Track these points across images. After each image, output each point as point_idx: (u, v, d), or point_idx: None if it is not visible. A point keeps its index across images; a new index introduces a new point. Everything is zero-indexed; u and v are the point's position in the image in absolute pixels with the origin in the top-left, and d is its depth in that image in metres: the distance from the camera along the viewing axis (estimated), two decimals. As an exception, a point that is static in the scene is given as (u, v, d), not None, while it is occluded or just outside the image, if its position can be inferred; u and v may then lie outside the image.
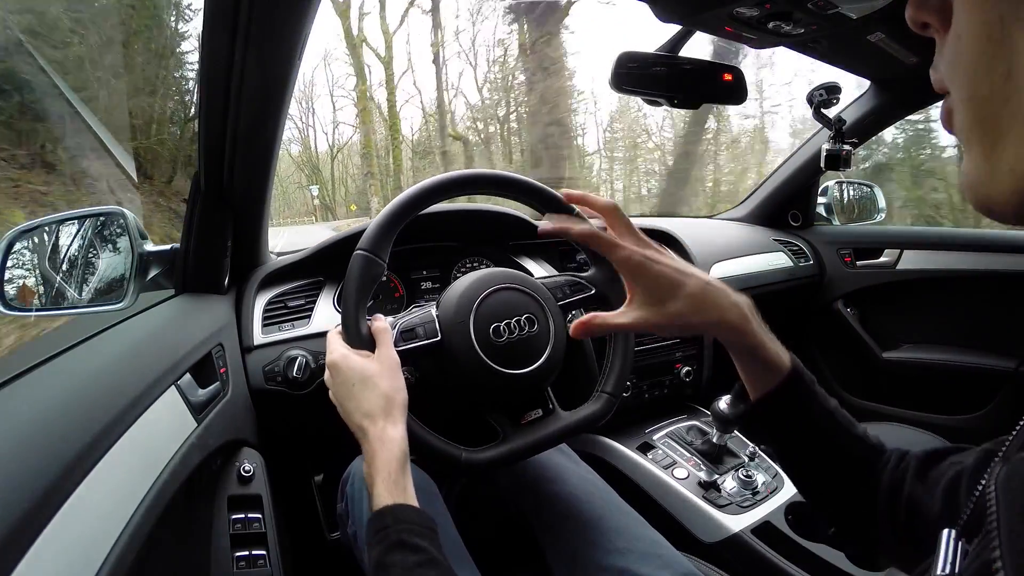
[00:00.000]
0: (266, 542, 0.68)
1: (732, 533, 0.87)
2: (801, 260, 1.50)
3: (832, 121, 1.17)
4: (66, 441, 0.40)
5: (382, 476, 0.49)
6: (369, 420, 0.51)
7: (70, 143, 4.61)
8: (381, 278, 0.59)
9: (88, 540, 0.39)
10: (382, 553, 0.45)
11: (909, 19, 0.28)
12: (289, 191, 23.53)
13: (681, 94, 0.80)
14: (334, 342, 0.57)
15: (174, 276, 0.81)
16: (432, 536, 0.47)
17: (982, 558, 0.25)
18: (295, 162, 22.71)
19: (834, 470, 0.49)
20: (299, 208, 23.84)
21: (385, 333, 0.56)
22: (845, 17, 0.69)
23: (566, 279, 0.71)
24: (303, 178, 23.41)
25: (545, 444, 0.64)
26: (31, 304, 0.71)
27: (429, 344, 0.61)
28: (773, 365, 0.49)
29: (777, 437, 0.52)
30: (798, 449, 0.51)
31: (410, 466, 0.52)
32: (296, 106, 21.05)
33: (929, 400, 1.36)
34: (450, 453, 0.58)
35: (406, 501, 0.48)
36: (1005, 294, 1.29)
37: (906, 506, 0.44)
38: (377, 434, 0.50)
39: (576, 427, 0.66)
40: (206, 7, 0.56)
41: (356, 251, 0.58)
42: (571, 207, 0.62)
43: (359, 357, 0.54)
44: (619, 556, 0.61)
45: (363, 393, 0.52)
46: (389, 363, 0.54)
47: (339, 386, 0.54)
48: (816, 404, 0.50)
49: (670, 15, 0.74)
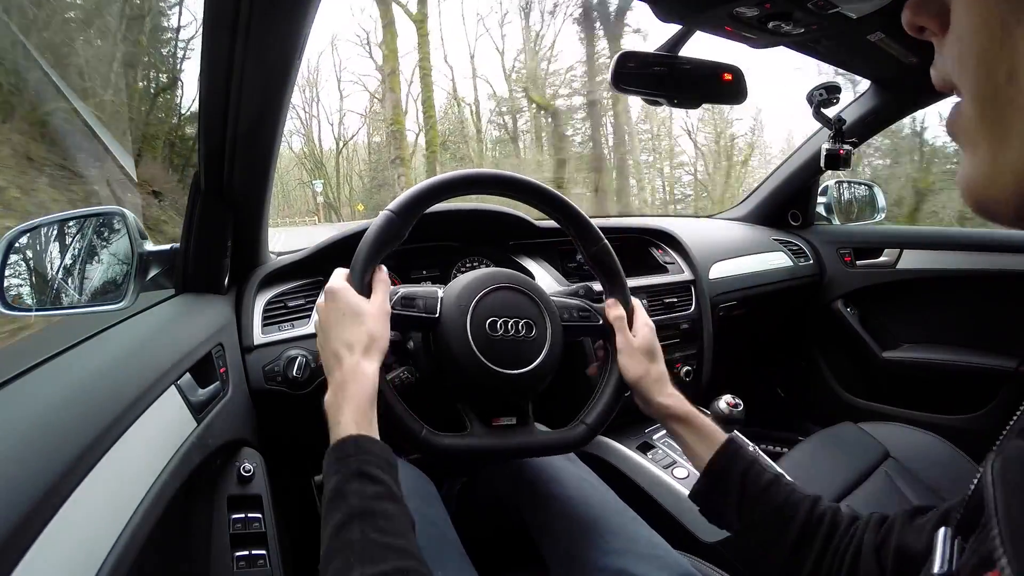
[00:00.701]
0: (266, 542, 0.68)
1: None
2: (801, 260, 1.50)
3: (832, 121, 1.17)
4: (66, 441, 0.40)
5: (351, 406, 0.48)
6: (347, 349, 0.52)
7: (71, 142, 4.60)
8: (399, 241, 0.61)
9: (88, 540, 0.39)
10: (341, 481, 0.44)
11: (906, 23, 0.27)
12: (289, 187, 21.87)
13: (681, 94, 0.80)
14: (338, 274, 0.58)
15: (174, 276, 0.81)
16: (393, 472, 0.46)
17: (981, 551, 0.25)
18: (296, 156, 21.14)
19: (779, 536, 0.52)
20: (300, 207, 22.22)
21: (385, 284, 0.58)
22: (845, 17, 0.69)
23: (578, 303, 0.70)
24: (304, 174, 21.68)
25: (508, 452, 0.63)
26: (31, 304, 0.71)
27: (424, 318, 0.61)
28: (709, 437, 0.60)
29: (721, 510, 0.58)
30: (741, 520, 0.56)
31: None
32: (299, 95, 19.84)
33: (929, 400, 1.36)
34: (411, 427, 0.57)
35: (371, 434, 0.48)
36: (1005, 294, 1.29)
37: (895, 556, 0.44)
38: (352, 365, 0.51)
39: (543, 447, 0.65)
40: (206, 7, 0.56)
41: (384, 211, 0.60)
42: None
43: (355, 295, 0.55)
44: (617, 556, 0.61)
45: (349, 325, 0.53)
46: (380, 310, 0.55)
47: (329, 311, 0.55)
48: (751, 474, 0.55)
49: (670, 15, 0.74)
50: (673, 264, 1.29)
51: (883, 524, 0.48)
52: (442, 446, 0.58)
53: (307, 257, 0.96)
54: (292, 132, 20.09)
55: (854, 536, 0.49)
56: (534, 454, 0.67)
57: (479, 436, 0.61)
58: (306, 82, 19.66)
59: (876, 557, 0.46)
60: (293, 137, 20.35)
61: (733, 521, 0.56)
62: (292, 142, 20.46)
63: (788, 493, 0.53)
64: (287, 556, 0.73)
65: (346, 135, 21.62)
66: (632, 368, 0.65)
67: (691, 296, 1.25)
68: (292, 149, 20.60)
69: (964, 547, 0.28)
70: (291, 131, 19.71)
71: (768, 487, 0.54)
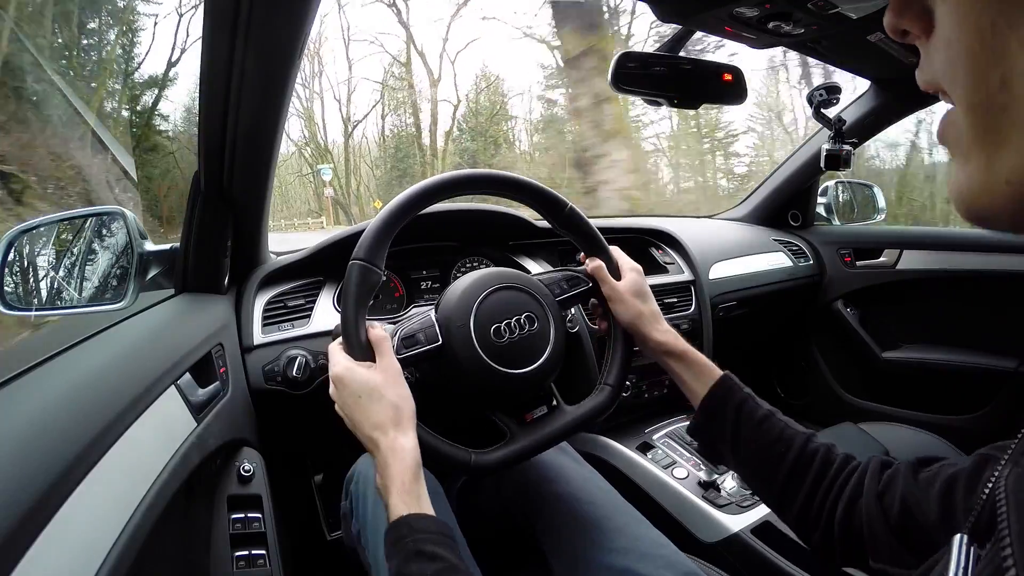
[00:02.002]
0: (266, 542, 0.68)
1: (732, 533, 0.87)
2: (801, 260, 1.50)
3: (832, 121, 1.17)
4: (66, 441, 0.40)
5: (396, 486, 0.49)
6: (379, 431, 0.51)
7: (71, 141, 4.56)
8: (378, 285, 0.59)
9: (88, 540, 0.39)
10: (401, 563, 0.45)
11: (888, 26, 0.27)
12: (287, 182, 16.36)
13: (681, 94, 0.80)
14: (336, 354, 0.56)
15: (174, 276, 0.81)
16: (450, 543, 0.47)
17: (994, 563, 0.24)
18: (296, 145, 15.84)
19: (776, 472, 0.53)
20: (300, 207, 16.64)
21: (384, 342, 0.56)
22: (845, 17, 0.70)
23: (562, 274, 0.72)
24: (304, 165, 16.20)
25: (553, 440, 0.64)
26: (31, 304, 0.71)
27: (431, 349, 0.61)
28: (705, 374, 0.60)
29: (718, 445, 0.58)
30: (739, 454, 0.57)
31: (423, 473, 0.52)
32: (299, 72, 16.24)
33: (929, 400, 1.36)
34: (459, 457, 0.58)
35: (420, 510, 0.48)
36: (1005, 294, 1.29)
37: (900, 507, 0.44)
38: (388, 444, 0.51)
39: (582, 421, 0.66)
40: (206, 7, 0.56)
41: (352, 261, 0.57)
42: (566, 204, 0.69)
43: (363, 368, 0.54)
44: (621, 556, 0.61)
45: (370, 405, 0.52)
46: (392, 372, 0.54)
47: (345, 398, 0.54)
48: (746, 410, 0.56)
49: (670, 15, 0.74)
50: (673, 264, 1.30)
51: (884, 471, 0.49)
52: (496, 461, 0.59)
53: (307, 257, 0.96)
54: (290, 114, 16.05)
55: (850, 477, 0.50)
56: (578, 430, 0.67)
57: (522, 438, 0.62)
58: (311, 52, 15.03)
59: (879, 503, 0.46)
60: (291, 118, 15.53)
61: (727, 455, 0.57)
62: (289, 130, 14.28)
63: (781, 428, 0.54)
64: (287, 556, 0.73)
65: (356, 115, 16.03)
66: (624, 312, 0.66)
67: (691, 296, 1.25)
68: (289, 137, 15.36)
69: (979, 555, 0.28)
70: (290, 113, 16.95)
71: (762, 422, 0.55)
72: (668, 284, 1.23)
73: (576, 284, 0.71)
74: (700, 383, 0.60)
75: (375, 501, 0.66)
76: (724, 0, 0.66)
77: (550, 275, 0.72)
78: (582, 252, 0.72)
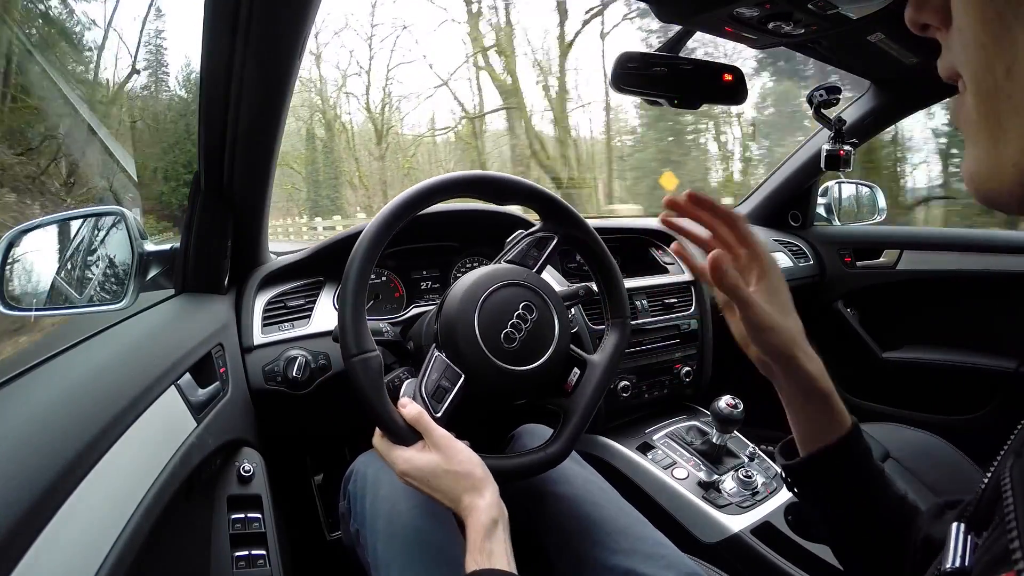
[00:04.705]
0: (266, 542, 0.68)
1: (732, 533, 0.87)
2: (801, 260, 1.50)
3: (832, 121, 1.17)
4: (66, 441, 0.40)
5: (470, 546, 0.51)
6: (458, 503, 0.54)
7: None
8: (380, 367, 0.58)
9: (88, 540, 0.39)
10: None
11: (909, 20, 0.28)
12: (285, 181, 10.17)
13: (681, 94, 0.80)
14: (388, 453, 0.56)
15: (174, 276, 0.81)
16: None
17: (996, 548, 0.25)
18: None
19: (877, 533, 0.47)
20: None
21: (422, 417, 0.56)
22: (845, 17, 0.70)
23: (527, 241, 0.73)
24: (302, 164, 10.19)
25: (600, 391, 0.68)
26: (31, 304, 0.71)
27: (460, 387, 0.61)
28: (838, 417, 0.47)
29: (827, 495, 0.48)
30: (845, 510, 0.48)
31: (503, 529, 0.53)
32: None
33: (929, 400, 1.36)
34: (537, 461, 0.61)
35: (491, 566, 0.50)
36: (1005, 294, 1.29)
37: (922, 546, 0.43)
38: (466, 506, 0.53)
39: (612, 364, 0.70)
40: (206, 7, 0.56)
41: (347, 360, 0.56)
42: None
43: (419, 454, 0.55)
44: (623, 556, 0.61)
45: (443, 484, 0.54)
46: (445, 443, 0.55)
47: (422, 485, 0.55)
48: (870, 464, 0.47)
49: (670, 15, 0.74)
50: (673, 265, 1.29)
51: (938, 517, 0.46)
52: (568, 440, 0.64)
53: (307, 257, 0.96)
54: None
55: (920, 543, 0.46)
56: (614, 374, 0.71)
57: (574, 409, 0.66)
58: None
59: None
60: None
61: (834, 520, 0.49)
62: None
63: (899, 503, 0.47)
64: (287, 556, 0.73)
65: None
66: (775, 337, 0.47)
67: (691, 297, 1.25)
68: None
69: (977, 543, 0.28)
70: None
71: (883, 497, 0.47)
72: (668, 284, 1.23)
73: (544, 245, 0.72)
74: (830, 431, 0.47)
75: (373, 501, 0.66)
76: (724, 0, 0.66)
77: (516, 247, 0.73)
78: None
